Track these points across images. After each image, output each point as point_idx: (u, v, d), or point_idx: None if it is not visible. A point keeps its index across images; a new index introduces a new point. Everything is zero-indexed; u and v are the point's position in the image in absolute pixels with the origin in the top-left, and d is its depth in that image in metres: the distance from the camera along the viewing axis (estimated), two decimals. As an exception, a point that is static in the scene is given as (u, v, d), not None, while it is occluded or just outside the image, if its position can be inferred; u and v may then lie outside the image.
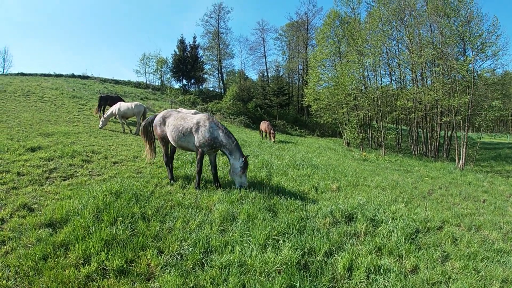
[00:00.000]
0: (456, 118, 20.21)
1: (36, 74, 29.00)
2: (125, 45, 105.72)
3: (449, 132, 25.15)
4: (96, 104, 18.93)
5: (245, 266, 3.52)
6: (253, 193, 5.80)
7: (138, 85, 37.70)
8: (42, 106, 16.14)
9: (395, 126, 28.37)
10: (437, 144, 25.22)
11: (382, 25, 25.73)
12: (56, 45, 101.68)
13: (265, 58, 52.24)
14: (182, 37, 44.08)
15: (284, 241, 4.09)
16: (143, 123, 6.87)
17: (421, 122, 26.39)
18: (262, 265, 3.52)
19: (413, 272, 3.92)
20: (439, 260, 4.27)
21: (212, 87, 51.68)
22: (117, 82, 35.39)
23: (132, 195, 5.04)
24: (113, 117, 14.79)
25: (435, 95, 21.10)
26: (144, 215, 4.52)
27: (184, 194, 5.82)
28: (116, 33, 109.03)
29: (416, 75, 24.81)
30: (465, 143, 20.17)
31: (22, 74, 28.54)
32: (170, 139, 6.37)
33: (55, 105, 17.00)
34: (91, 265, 3.21)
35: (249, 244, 3.93)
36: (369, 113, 26.01)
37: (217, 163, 7.95)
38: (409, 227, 5.12)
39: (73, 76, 31.36)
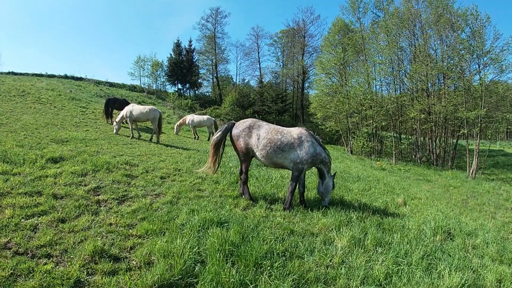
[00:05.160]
0: (473, 130, 20.00)
1: (27, 74, 26.74)
2: (118, 47, 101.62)
3: (454, 141, 25.21)
4: (99, 107, 17.20)
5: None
6: (354, 213, 5.25)
7: (133, 88, 35.69)
8: (42, 108, 14.33)
9: (395, 135, 28.08)
10: (444, 153, 25.19)
11: (387, 35, 25.45)
12: (44, 45, 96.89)
13: (259, 64, 51.46)
14: (178, 40, 42.61)
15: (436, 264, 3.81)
16: (218, 135, 5.79)
17: (429, 132, 26.21)
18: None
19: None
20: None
21: (207, 92, 50.22)
22: (111, 84, 33.29)
23: (242, 226, 3.89)
24: (124, 121, 13.16)
25: (450, 106, 20.89)
26: (275, 251, 3.46)
27: (282, 218, 4.81)
28: (107, 34, 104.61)
29: (427, 86, 24.58)
30: (477, 153, 20.11)
31: (14, 73, 26.19)
32: (260, 153, 5.38)
33: (55, 107, 15.21)
34: None
35: (412, 272, 3.46)
36: (383, 123, 25.55)
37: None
38: (496, 238, 5.22)
39: (66, 77, 29.10)
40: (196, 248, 3.19)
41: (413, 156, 27.91)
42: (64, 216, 3.94)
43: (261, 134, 5.38)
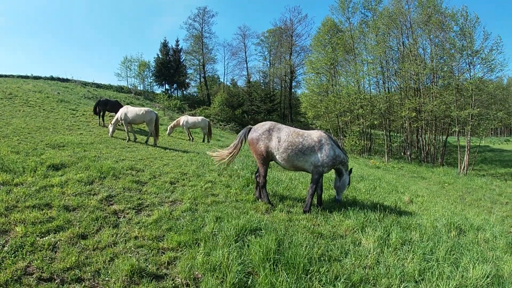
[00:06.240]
0: (465, 128, 20.49)
1: (12, 76, 25.76)
2: (104, 48, 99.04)
3: (444, 138, 25.80)
4: (89, 109, 16.59)
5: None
6: (372, 214, 5.29)
7: (120, 89, 34.81)
8: (31, 111, 13.67)
9: (386, 133, 28.57)
10: (434, 150, 25.73)
11: (376, 35, 25.79)
12: (27, 47, 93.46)
13: (247, 64, 51.09)
14: (165, 40, 41.88)
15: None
16: (238, 140, 5.80)
17: (418, 130, 26.71)
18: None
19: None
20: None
21: (194, 92, 49.53)
22: (98, 85, 32.35)
23: (277, 233, 3.80)
24: (118, 123, 12.68)
25: (442, 105, 21.33)
26: (315, 256, 3.44)
27: (306, 221, 4.78)
28: (92, 35, 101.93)
29: (418, 85, 25.00)
30: (468, 150, 20.61)
31: (-2, 75, 25.19)
32: (280, 156, 5.32)
33: (44, 109, 14.55)
34: None
35: (442, 267, 3.58)
36: (375, 122, 25.81)
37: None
38: (502, 231, 5.52)
39: (52, 78, 28.10)
40: (240, 259, 3.02)
41: (403, 154, 28.45)
42: (83, 231, 3.61)
43: (281, 137, 5.32)
